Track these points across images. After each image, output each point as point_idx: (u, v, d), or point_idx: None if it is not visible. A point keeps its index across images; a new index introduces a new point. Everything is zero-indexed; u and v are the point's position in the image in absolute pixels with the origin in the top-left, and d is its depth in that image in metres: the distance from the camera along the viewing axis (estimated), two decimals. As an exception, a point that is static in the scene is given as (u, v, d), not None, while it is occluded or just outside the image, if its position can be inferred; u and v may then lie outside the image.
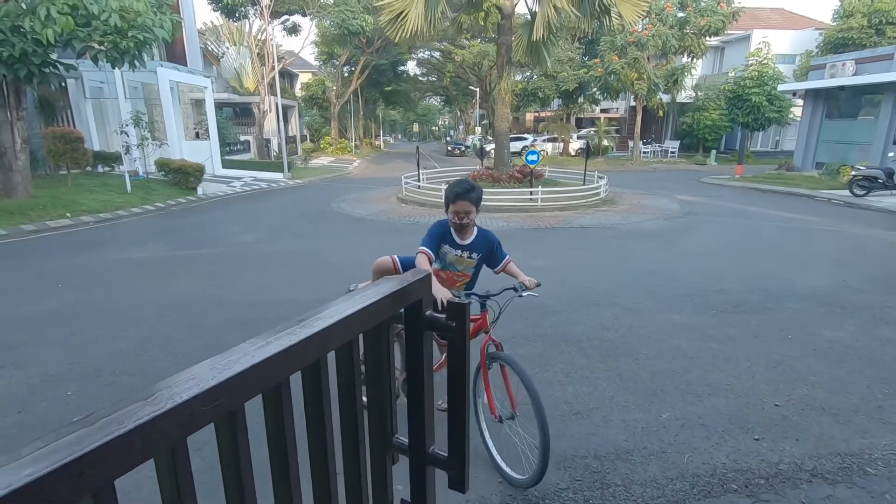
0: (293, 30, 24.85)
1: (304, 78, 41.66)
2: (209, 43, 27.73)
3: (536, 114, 41.02)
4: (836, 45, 24.67)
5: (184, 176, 13.96)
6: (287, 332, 0.96)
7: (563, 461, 2.72)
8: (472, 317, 2.56)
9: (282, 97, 25.58)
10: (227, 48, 27.53)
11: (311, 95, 37.06)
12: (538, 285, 2.69)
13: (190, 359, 3.91)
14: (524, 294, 2.63)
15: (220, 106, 24.58)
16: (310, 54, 38.97)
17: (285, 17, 23.97)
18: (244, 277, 6.35)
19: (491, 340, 2.57)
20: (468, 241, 2.77)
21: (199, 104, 21.53)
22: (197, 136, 21.24)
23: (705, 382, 3.57)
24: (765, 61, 23.73)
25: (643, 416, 3.16)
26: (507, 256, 2.92)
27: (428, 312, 1.28)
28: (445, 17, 13.11)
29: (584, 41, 28.20)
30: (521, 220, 10.51)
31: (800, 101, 20.39)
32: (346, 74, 37.18)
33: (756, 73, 23.41)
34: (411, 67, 46.01)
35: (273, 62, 20.62)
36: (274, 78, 21.03)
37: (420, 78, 49.23)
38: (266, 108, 23.38)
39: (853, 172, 12.98)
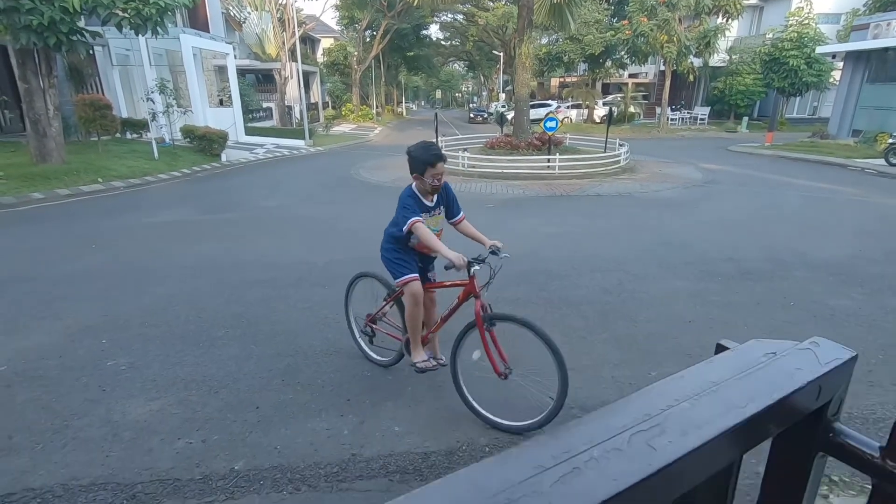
0: (314, -7, 24.56)
1: (325, 43, 41.30)
2: (231, 8, 27.61)
3: (562, 79, 39.84)
4: (885, 2, 23.06)
5: (208, 143, 14.29)
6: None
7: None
8: (460, 282, 2.72)
9: (303, 63, 25.46)
10: (249, 13, 27.41)
11: (332, 61, 36.80)
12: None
13: (211, 314, 4.22)
14: (502, 256, 2.71)
15: (242, 73, 24.71)
16: (331, 18, 38.66)
17: (305, -20, 23.62)
18: (264, 240, 6.63)
19: (478, 306, 2.68)
20: (434, 200, 2.90)
21: (221, 71, 21.71)
22: (220, 102, 21.51)
23: (699, 344, 3.68)
24: (806, 21, 22.41)
25: (632, 373, 3.31)
26: (462, 212, 3.05)
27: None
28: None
29: (613, 1, 27.02)
30: (537, 188, 10.50)
31: (840, 65, 19.30)
32: (368, 39, 36.69)
33: (795, 35, 22.16)
34: (434, 31, 45.11)
35: (294, 27, 20.51)
36: (295, 44, 20.97)
37: (443, 42, 48.19)
38: (287, 75, 23.41)
39: (890, 140, 12.40)
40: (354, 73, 34.01)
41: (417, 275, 2.89)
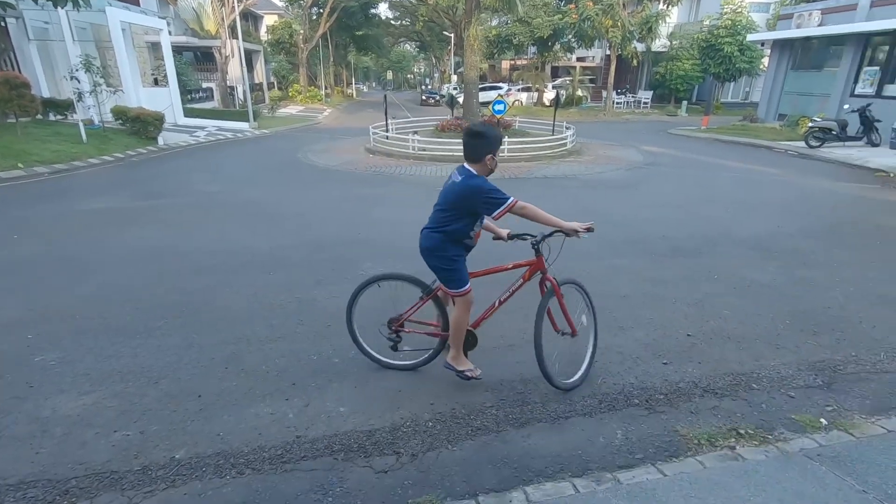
0: (254, -33, 23.31)
1: (269, 20, 39.49)
2: (163, -21, 25.86)
3: (512, 62, 40.10)
4: (809, -7, 24.55)
5: (142, 125, 13.46)
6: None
7: (493, 385, 3.04)
8: (525, 262, 2.91)
9: (245, 41, 24.27)
10: (184, -15, 25.76)
11: (277, 39, 35.29)
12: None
13: (150, 304, 4.08)
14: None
15: (178, 50, 23.29)
16: (274, -7, 36.77)
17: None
18: (205, 227, 6.41)
19: (548, 279, 2.92)
20: None
21: (156, 48, 20.38)
22: (155, 82, 20.25)
23: (631, 317, 3.92)
24: (739, 9, 23.54)
25: (569, 347, 3.49)
26: None
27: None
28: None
29: (561, -15, 27.34)
30: (486, 170, 10.62)
31: (768, 52, 20.48)
32: (314, 17, 35.37)
33: (730, 22, 23.26)
34: (383, 10, 44.10)
35: (234, 2, 19.48)
36: (235, 20, 19.96)
37: (392, 22, 47.18)
38: (228, 53, 22.27)
39: (809, 124, 13.37)
40: (301, 52, 32.82)
41: None
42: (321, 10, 33.14)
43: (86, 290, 4.36)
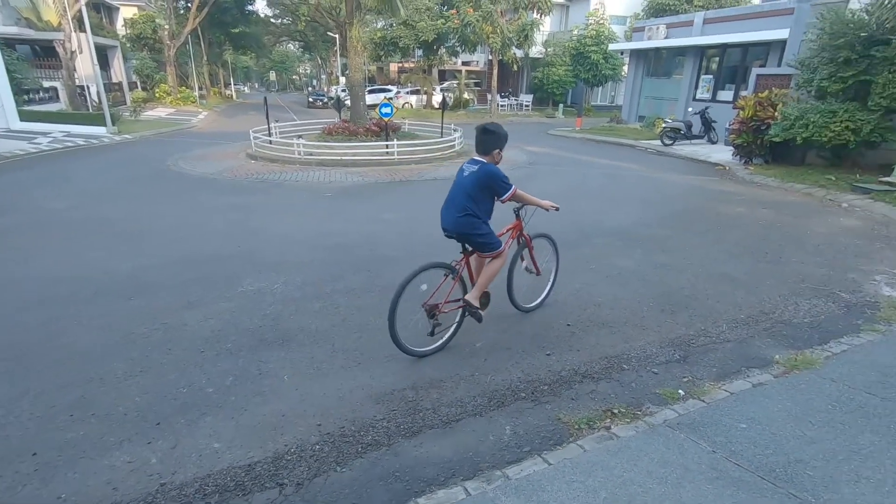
0: (102, -48, 20.63)
1: (127, 13, 35.30)
2: (-17, -40, 21.91)
3: (400, 64, 40.21)
4: (657, 9, 27.81)
5: (-39, 131, 11.28)
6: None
7: (383, 396, 2.96)
8: (511, 225, 3.84)
9: (97, 35, 21.45)
10: (13, -32, 22.03)
11: (138, 34, 31.70)
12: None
13: (-35, 348, 3.38)
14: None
15: (9, 43, 19.95)
16: (131, -17, 32.95)
17: (88, -66, 19.70)
18: (48, 250, 5.51)
19: (524, 235, 3.87)
20: None
21: (-24, 40, 17.18)
22: (-21, 80, 17.07)
23: (517, 312, 4.08)
24: (601, 21, 25.99)
25: (460, 347, 3.53)
26: None
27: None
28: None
29: (442, -10, 27.96)
30: (376, 174, 10.51)
31: (627, 60, 22.84)
32: (182, 11, 32.37)
33: (595, 33, 25.59)
34: (261, 8, 41.74)
35: (77, -9, 17.08)
36: (81, 10, 17.51)
37: (272, 20, 44.87)
38: (74, 48, 19.49)
39: (663, 125, 15.14)
40: (168, 49, 29.82)
41: None
42: (189, 4, 30.42)
43: None
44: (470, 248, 3.45)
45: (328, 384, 3.07)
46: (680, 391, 3.01)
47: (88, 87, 21.13)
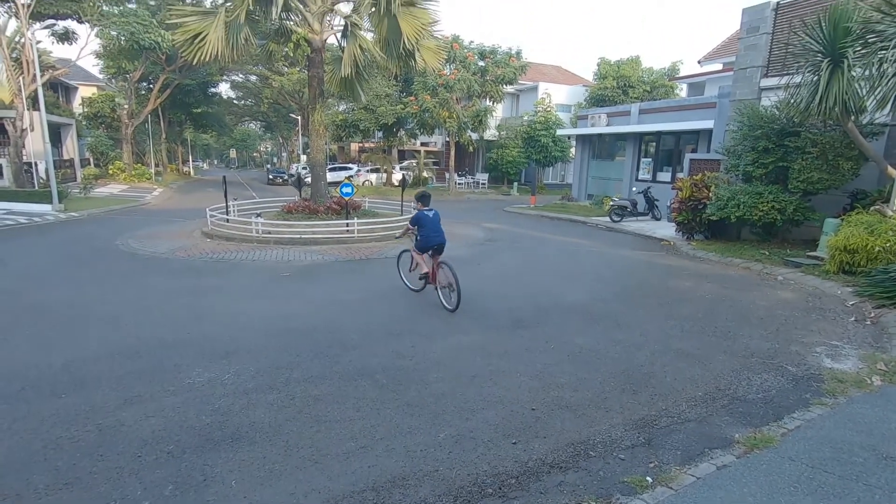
0: (66, 37, 20.99)
1: (86, 92, 35.46)
2: (-63, 40, 21.80)
3: (361, 144, 41.71)
4: (596, 100, 30.69)
5: None
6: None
7: (341, 500, 2.75)
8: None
9: (52, 114, 21.29)
10: (-32, 49, 21.98)
11: (95, 113, 31.66)
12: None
13: None
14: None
15: (-46, 120, 19.42)
16: (92, 66, 33.43)
17: (52, 21, 20.16)
18: (-30, 342, 5.03)
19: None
20: None
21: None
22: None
23: (481, 397, 4.00)
24: (548, 109, 28.30)
25: (424, 438, 3.38)
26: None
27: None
28: (251, 44, 12.60)
29: (401, 79, 29.84)
30: (337, 252, 10.48)
31: (574, 143, 24.68)
32: (143, 92, 32.84)
33: (543, 119, 27.74)
34: (224, 90, 42.95)
35: (35, 71, 17.10)
36: (37, 90, 17.47)
37: (235, 101, 46.19)
38: (26, 126, 19.16)
39: (610, 203, 16.12)
40: (126, 127, 29.84)
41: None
42: (151, 86, 30.96)
43: None
44: (434, 254, 6.66)
45: (281, 488, 2.84)
46: (648, 478, 2.96)
47: (36, 164, 20.57)
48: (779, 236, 10.80)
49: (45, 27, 20.36)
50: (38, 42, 19.21)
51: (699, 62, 23.68)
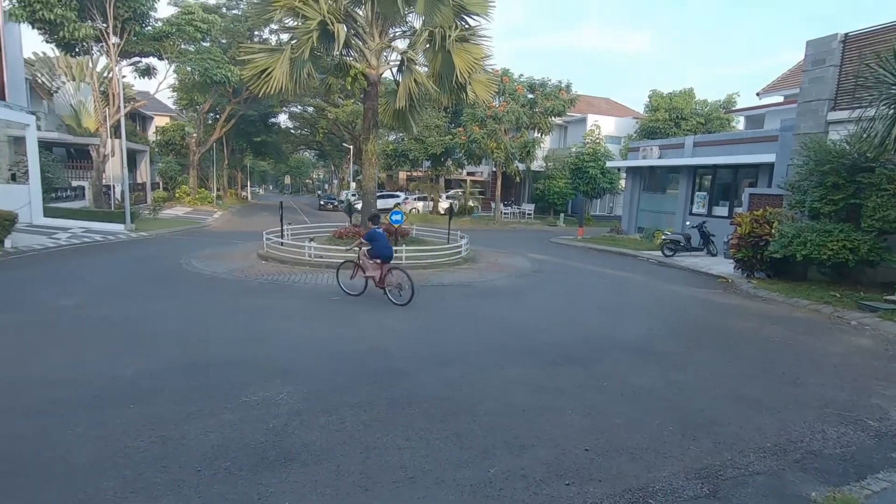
0: (147, 72, 23.03)
1: (160, 122, 38.52)
2: (39, 75, 24.45)
3: (409, 173, 42.75)
4: (647, 132, 30.20)
5: (-14, 226, 11.73)
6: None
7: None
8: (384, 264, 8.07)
9: (131, 140, 23.13)
10: (64, 83, 24.48)
11: (167, 140, 34.25)
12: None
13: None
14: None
15: (48, 146, 21.49)
16: (167, 98, 36.32)
17: (137, 58, 22.19)
18: (48, 350, 5.43)
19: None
20: None
21: (18, 142, 18.55)
22: (13, 178, 18.14)
23: (532, 434, 3.89)
24: (597, 140, 28.10)
25: (473, 473, 3.31)
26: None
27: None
28: (312, 79, 13.34)
29: (450, 111, 30.60)
30: (385, 278, 10.64)
31: (624, 175, 24.29)
32: (210, 122, 35.25)
33: (592, 150, 27.55)
34: (283, 120, 45.34)
35: (119, 103, 18.80)
36: (119, 120, 19.14)
37: (292, 131, 48.62)
38: (108, 152, 20.94)
39: (662, 237, 15.63)
40: (193, 154, 32.01)
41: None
42: (218, 116, 33.21)
43: None
44: (382, 263, 8.00)
45: None
46: (715, 534, 2.77)
47: (114, 187, 22.33)
48: (851, 278, 10.08)
49: (131, 63, 22.34)
50: (123, 77, 21.09)
51: (758, 94, 22.92)
